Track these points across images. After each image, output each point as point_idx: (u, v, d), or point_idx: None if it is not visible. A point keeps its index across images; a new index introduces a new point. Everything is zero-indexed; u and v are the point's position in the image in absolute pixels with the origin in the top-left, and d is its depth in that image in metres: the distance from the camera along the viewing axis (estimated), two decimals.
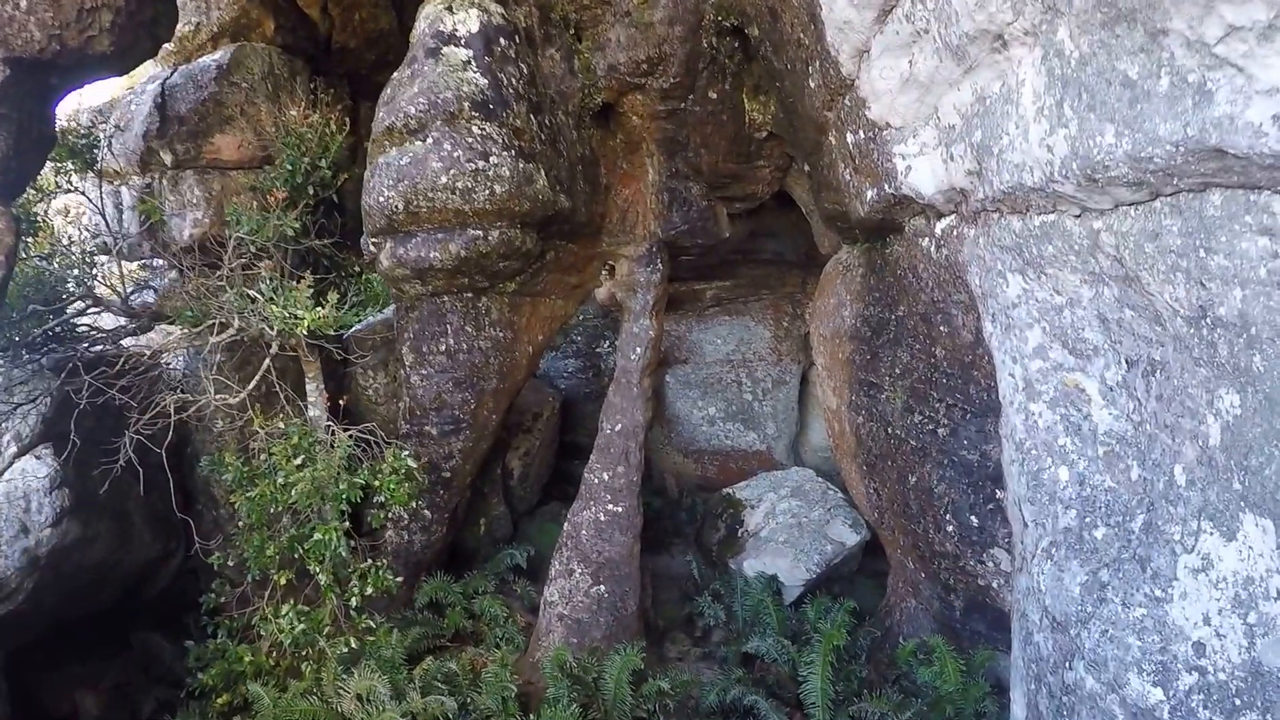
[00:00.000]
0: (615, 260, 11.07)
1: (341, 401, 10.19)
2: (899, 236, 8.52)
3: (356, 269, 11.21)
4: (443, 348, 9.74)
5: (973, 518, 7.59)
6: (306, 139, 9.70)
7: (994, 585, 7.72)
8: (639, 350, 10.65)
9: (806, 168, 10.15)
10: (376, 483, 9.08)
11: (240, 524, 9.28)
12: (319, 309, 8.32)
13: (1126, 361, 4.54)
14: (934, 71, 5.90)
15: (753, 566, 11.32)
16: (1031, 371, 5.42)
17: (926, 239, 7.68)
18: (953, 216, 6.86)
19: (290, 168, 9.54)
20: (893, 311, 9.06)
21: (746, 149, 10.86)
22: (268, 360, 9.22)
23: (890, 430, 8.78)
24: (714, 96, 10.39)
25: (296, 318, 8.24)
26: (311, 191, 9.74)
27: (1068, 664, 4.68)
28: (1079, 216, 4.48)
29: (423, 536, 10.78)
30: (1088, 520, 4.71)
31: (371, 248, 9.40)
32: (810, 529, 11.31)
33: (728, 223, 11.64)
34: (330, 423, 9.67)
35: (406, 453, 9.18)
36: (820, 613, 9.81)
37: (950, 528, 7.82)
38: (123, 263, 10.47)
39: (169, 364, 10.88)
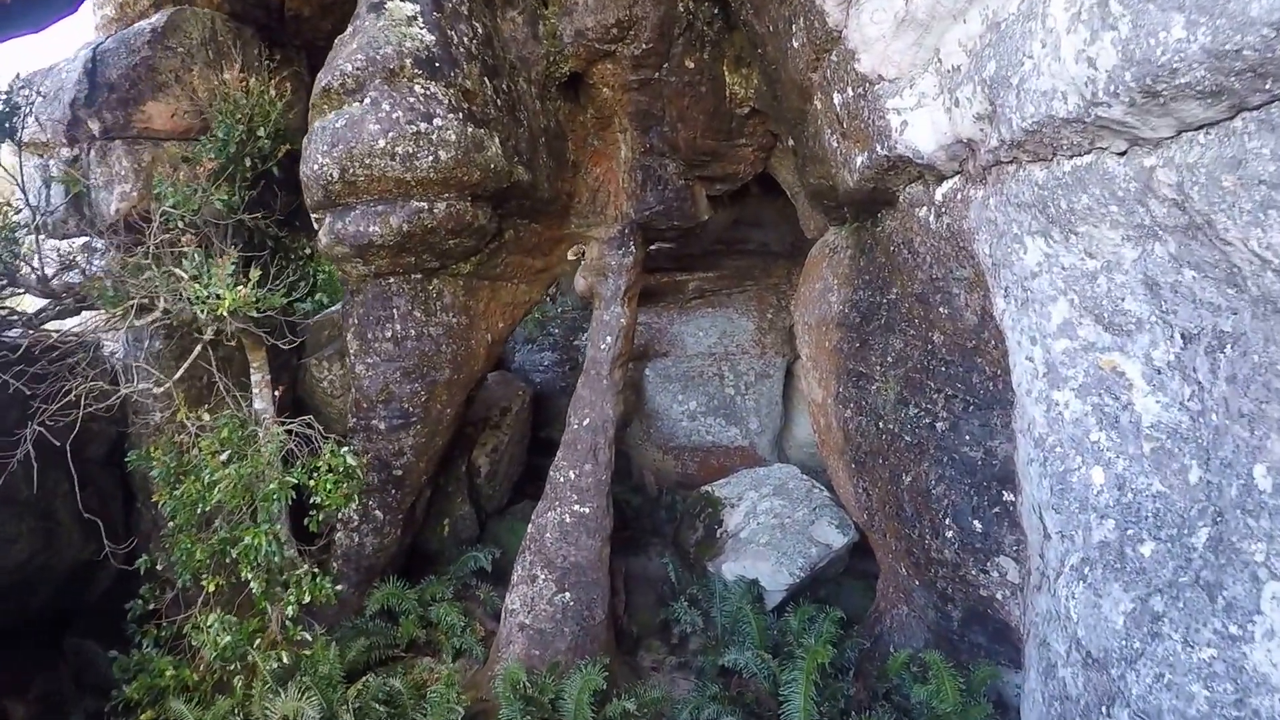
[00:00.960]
0: (585, 243, 10.07)
1: (285, 393, 9.16)
2: (891, 210, 7.57)
3: (307, 251, 10.17)
4: (389, 334, 8.72)
5: (975, 522, 6.62)
6: (242, 106, 8.65)
7: (998, 597, 6.75)
8: (609, 339, 9.66)
9: (791, 142, 9.16)
10: (312, 482, 8.05)
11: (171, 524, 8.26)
12: (240, 288, 7.28)
13: (1182, 337, 3.56)
14: (934, 4, 4.93)
15: (732, 570, 10.34)
16: (1055, 354, 4.45)
17: (924, 208, 6.72)
18: (956, 178, 5.89)
19: (223, 136, 8.48)
20: (884, 294, 8.11)
21: (727, 125, 9.86)
22: (199, 347, 8.20)
23: (882, 425, 7.81)
24: (691, 66, 9.40)
25: (217, 297, 7.20)
26: (249, 164, 8.68)
27: (1105, 710, 3.71)
28: (1124, 154, 3.49)
29: (374, 539, 9.76)
30: (1130, 533, 3.73)
31: (315, 225, 8.40)
32: (794, 530, 10.34)
33: (707, 205, 10.64)
34: (274, 418, 8.66)
35: (347, 449, 8.15)
36: (804, 622, 8.83)
37: (950, 533, 6.85)
38: (50, 240, 9.43)
39: (111, 353, 9.89)
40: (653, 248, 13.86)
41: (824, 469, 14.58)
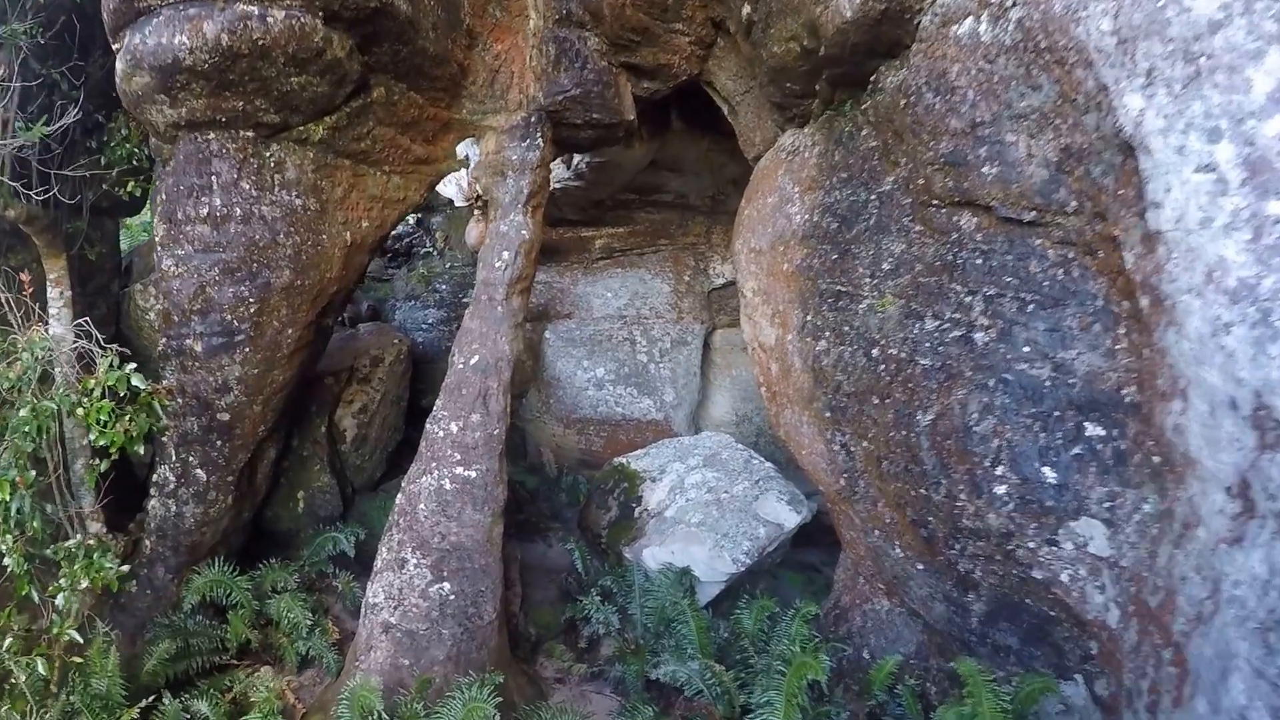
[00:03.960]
0: (480, 134, 7.45)
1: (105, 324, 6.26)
2: (901, 58, 5.33)
3: (124, 132, 7.25)
4: (204, 212, 5.92)
5: (1046, 470, 4.35)
6: None
7: (1062, 578, 4.52)
8: (506, 255, 7.07)
9: (746, 9, 6.78)
10: (81, 410, 5.27)
11: None
12: None
13: None
14: None
15: (656, 556, 7.91)
16: (1265, 141, 2.19)
17: (969, 19, 4.48)
18: None
19: None
20: (874, 188, 5.86)
21: None
22: None
23: (878, 352, 5.50)
24: None
25: None
26: None
27: None
28: None
29: (197, 508, 6.95)
30: None
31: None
32: (734, 507, 7.93)
33: (631, 104, 8.17)
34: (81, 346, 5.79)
35: (133, 365, 5.37)
36: (761, 622, 6.43)
37: (1002, 488, 4.58)
38: None
39: None
40: (559, 184, 11.39)
41: (761, 439, 12.38)
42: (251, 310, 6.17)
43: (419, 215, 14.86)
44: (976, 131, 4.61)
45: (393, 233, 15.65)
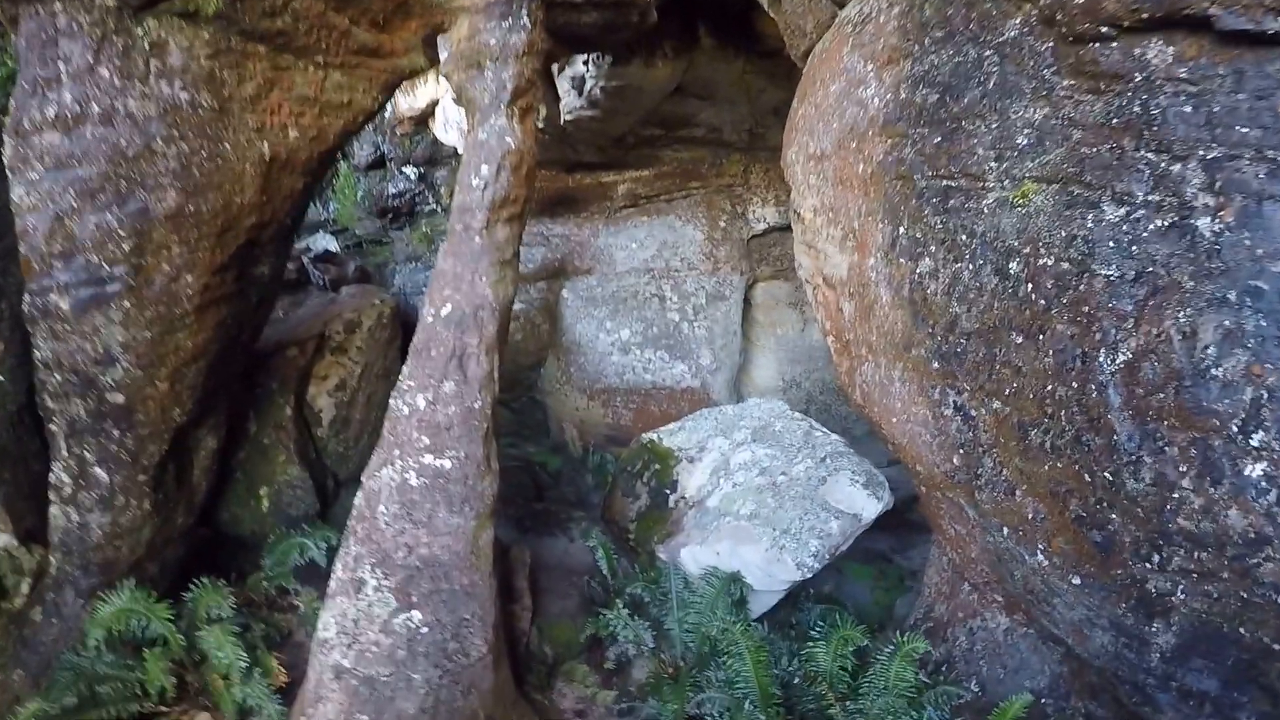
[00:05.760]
0: (451, 18, 5.60)
1: None
2: None
3: None
4: (53, 113, 4.17)
5: None
6: None
7: None
8: (486, 171, 5.25)
9: None
10: None
11: None
12: None
13: None
14: None
15: (697, 557, 6.14)
16: None
17: None
18: None
19: None
20: (991, 38, 3.99)
21: None
22: None
23: (1019, 266, 3.63)
24: None
25: None
26: None
27: None
28: None
29: (104, 516, 5.34)
30: None
31: None
32: (795, 494, 6.06)
33: None
34: None
35: None
36: (842, 655, 4.60)
37: (1257, 468, 2.72)
38: None
39: None
40: (570, 114, 9.55)
41: (812, 407, 10.49)
42: (126, 248, 4.40)
43: (421, 169, 13.08)
44: None
45: (393, 191, 14.07)
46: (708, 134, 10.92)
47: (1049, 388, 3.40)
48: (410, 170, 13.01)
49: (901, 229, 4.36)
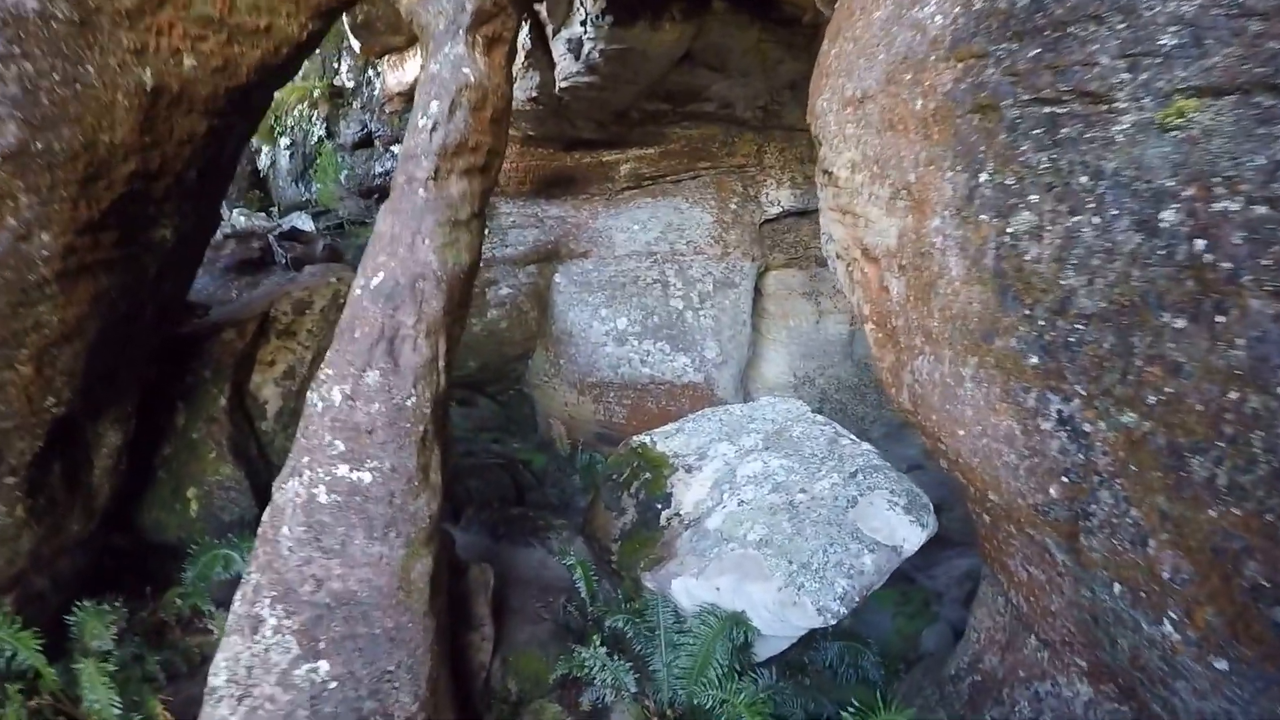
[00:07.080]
0: None
1: None
2: None
3: None
4: None
5: None
6: None
7: None
8: (436, 109, 4.07)
9: None
10: None
11: None
12: None
13: None
14: None
15: (692, 591, 4.96)
16: None
17: None
18: None
19: None
20: None
21: None
22: None
23: (1176, 216, 2.40)
24: None
25: None
26: None
27: None
28: None
29: None
30: None
31: None
32: (817, 517, 4.84)
33: None
34: None
35: None
36: None
37: None
38: None
39: None
40: (565, 81, 8.42)
41: (826, 407, 9.32)
42: None
43: None
44: None
45: (379, 170, 12.93)
46: (719, 110, 9.93)
47: (1231, 396, 2.21)
48: (398, 149, 12.04)
49: (983, 176, 3.16)
